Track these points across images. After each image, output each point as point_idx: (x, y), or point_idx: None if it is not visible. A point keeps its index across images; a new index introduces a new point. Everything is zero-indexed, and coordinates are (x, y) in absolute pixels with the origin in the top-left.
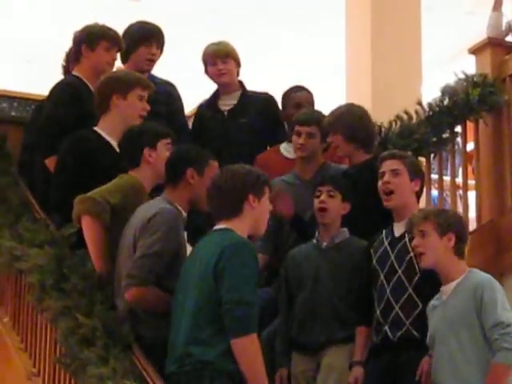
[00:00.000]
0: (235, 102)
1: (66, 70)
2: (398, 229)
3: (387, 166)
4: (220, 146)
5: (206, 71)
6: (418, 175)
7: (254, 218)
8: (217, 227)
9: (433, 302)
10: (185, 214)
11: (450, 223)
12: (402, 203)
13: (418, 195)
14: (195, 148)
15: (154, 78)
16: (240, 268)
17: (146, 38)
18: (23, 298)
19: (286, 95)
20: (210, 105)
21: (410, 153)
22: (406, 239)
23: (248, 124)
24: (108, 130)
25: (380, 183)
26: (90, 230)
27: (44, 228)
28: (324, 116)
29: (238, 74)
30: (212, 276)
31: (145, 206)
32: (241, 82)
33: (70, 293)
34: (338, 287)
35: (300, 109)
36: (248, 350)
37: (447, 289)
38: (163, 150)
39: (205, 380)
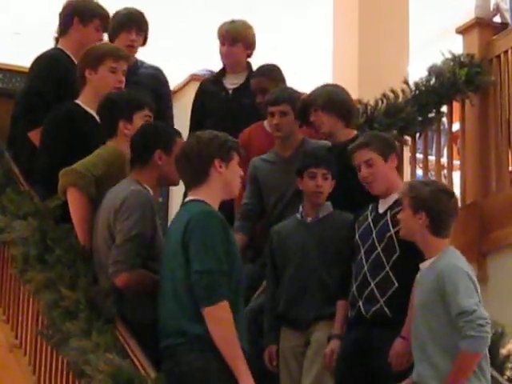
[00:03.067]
0: (241, 81)
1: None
2: (383, 205)
3: (359, 157)
4: (222, 123)
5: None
6: (391, 152)
7: (222, 184)
8: (187, 199)
9: (417, 276)
10: (152, 193)
11: (420, 201)
12: (385, 187)
13: (398, 167)
14: (161, 127)
15: (142, 63)
16: (202, 238)
17: (125, 25)
18: (6, 270)
19: None
20: (215, 81)
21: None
22: (388, 216)
23: (251, 105)
24: (86, 102)
25: (359, 176)
26: (75, 202)
27: (28, 200)
28: (295, 92)
29: (248, 55)
30: (181, 251)
31: (115, 188)
32: (248, 63)
33: (54, 265)
34: (324, 262)
35: (257, 96)
36: (216, 318)
37: (423, 266)
38: (140, 123)
39: (195, 352)
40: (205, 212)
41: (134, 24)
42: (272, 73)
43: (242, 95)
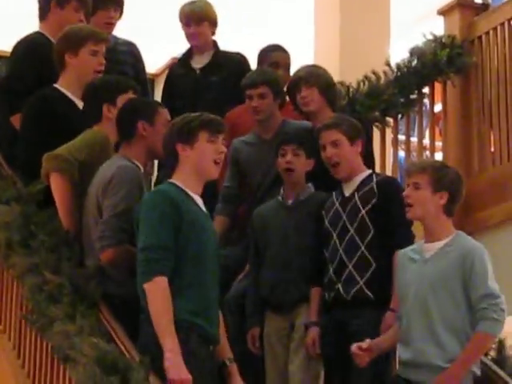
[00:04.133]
0: (207, 60)
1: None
2: (348, 189)
3: (325, 137)
4: (192, 103)
5: (183, 28)
6: (358, 137)
7: (191, 166)
8: None
9: (409, 254)
10: (143, 169)
11: (446, 181)
12: (349, 170)
13: (362, 154)
14: (141, 100)
15: (116, 39)
16: (144, 216)
17: (102, 2)
18: None
19: (263, 53)
20: (183, 63)
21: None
22: (356, 198)
23: (219, 82)
24: (66, 87)
25: (323, 155)
26: (58, 187)
27: (11, 185)
28: (272, 73)
29: (213, 34)
30: (137, 231)
31: (104, 165)
32: (214, 42)
33: (38, 250)
34: (304, 244)
35: (277, 68)
36: (150, 293)
37: (431, 247)
38: None
39: (144, 323)
40: (153, 192)
41: (110, 1)
42: None
43: (209, 73)
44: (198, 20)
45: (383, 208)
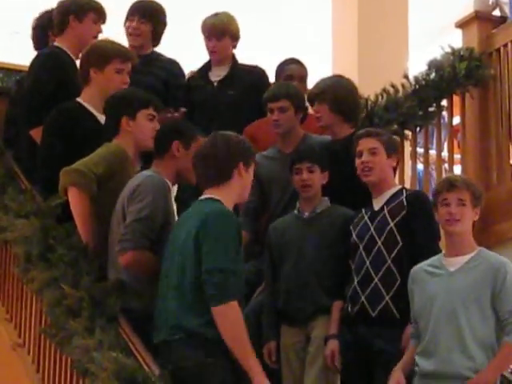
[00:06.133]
0: (225, 73)
1: (39, 42)
2: (377, 203)
3: (364, 144)
4: (209, 116)
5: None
6: (395, 151)
7: (240, 187)
8: (203, 196)
9: (427, 268)
10: (171, 187)
11: (481, 197)
12: (380, 179)
13: (395, 169)
14: (185, 123)
15: (157, 56)
16: (218, 236)
17: (129, 12)
18: (9, 269)
19: (279, 67)
20: (201, 75)
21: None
22: (386, 211)
23: (236, 96)
24: (88, 101)
25: (358, 162)
26: (76, 201)
27: (30, 199)
28: (293, 87)
29: (234, 47)
30: (193, 245)
31: (133, 178)
32: (233, 54)
33: (56, 263)
34: (321, 256)
35: (292, 81)
36: (227, 317)
37: (455, 261)
38: (143, 120)
39: (191, 348)
40: (223, 212)
41: (136, 12)
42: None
43: (226, 86)
44: (219, 35)
45: (412, 221)
